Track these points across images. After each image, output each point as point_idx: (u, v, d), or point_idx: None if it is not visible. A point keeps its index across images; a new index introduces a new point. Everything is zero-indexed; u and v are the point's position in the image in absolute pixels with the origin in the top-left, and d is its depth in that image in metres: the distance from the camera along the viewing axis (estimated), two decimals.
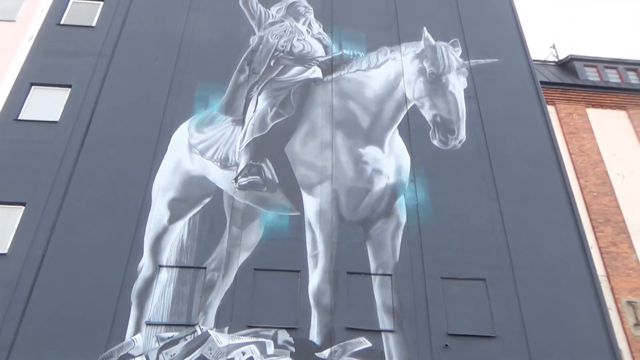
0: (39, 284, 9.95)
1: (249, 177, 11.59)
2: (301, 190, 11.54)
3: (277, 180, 11.65)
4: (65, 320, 9.58)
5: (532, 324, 10.25)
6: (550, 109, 14.88)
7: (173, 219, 10.96)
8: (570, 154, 14.31)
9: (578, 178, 13.84)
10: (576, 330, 10.21)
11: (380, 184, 11.80)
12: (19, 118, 11.95)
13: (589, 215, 13.28)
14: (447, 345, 9.94)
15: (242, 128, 12.34)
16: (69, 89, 12.48)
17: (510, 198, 11.79)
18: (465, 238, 11.23)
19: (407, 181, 11.91)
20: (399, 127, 12.61)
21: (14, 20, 13.57)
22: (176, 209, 11.08)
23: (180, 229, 10.88)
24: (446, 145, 12.48)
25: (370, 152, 12.18)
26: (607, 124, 15.08)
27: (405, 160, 12.15)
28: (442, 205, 11.62)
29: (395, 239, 11.14)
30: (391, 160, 12.13)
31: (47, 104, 12.16)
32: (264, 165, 11.80)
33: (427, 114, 12.85)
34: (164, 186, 11.35)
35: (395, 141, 12.42)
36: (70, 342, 9.38)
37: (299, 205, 11.36)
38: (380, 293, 10.49)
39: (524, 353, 9.96)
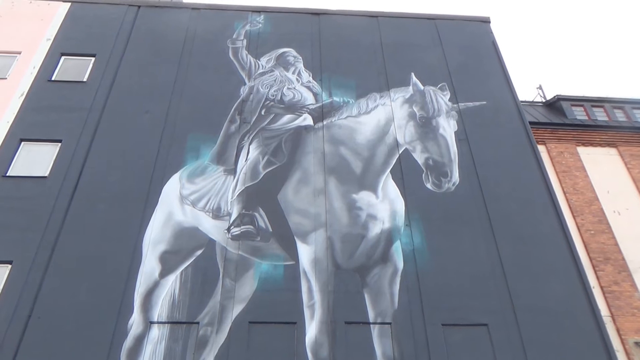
0: (24, 346, 9.51)
1: (242, 227, 11.40)
2: (295, 238, 11.35)
3: (270, 229, 11.46)
4: None
5: None
6: (541, 148, 15.01)
7: (164, 273, 10.67)
8: (564, 192, 14.30)
9: (574, 217, 13.76)
10: None
11: (375, 229, 11.64)
12: (7, 174, 11.82)
13: (588, 254, 13.11)
14: None
15: (234, 177, 12.26)
16: (59, 144, 12.44)
17: (508, 239, 11.64)
18: (464, 282, 10.99)
19: (403, 226, 11.77)
20: (391, 172, 12.60)
21: (5, 78, 13.69)
22: (167, 262, 10.81)
23: (171, 282, 10.57)
24: (440, 188, 12.43)
25: (363, 197, 12.09)
26: (598, 161, 15.17)
27: (400, 205, 12.06)
28: (439, 249, 11.44)
29: (393, 285, 10.88)
30: (385, 205, 12.03)
31: (36, 160, 12.07)
32: (257, 214, 11.65)
33: (419, 157, 12.88)
34: (154, 239, 11.12)
35: (388, 186, 12.37)
36: None
37: (293, 254, 11.14)
38: (380, 343, 10.12)
39: None
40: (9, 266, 10.45)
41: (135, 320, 10.03)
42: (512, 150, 13.33)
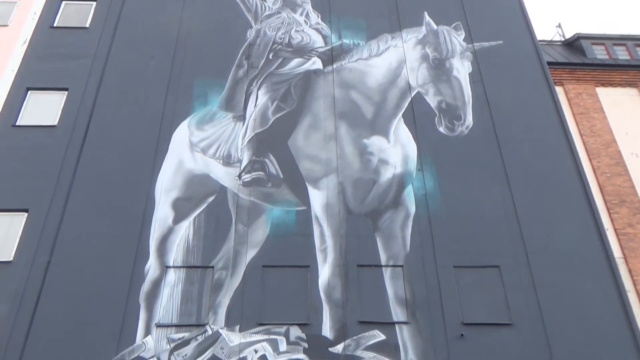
0: (46, 291, 9.81)
1: (253, 174, 11.37)
2: (306, 184, 11.32)
3: (281, 176, 11.42)
4: (74, 326, 9.45)
5: (549, 310, 10.00)
6: (559, 89, 14.51)
7: (178, 219, 10.77)
8: (581, 135, 13.95)
9: (590, 159, 13.48)
10: (594, 315, 9.96)
11: (387, 174, 11.55)
12: (17, 124, 11.80)
13: (603, 197, 12.94)
14: (462, 334, 9.72)
15: (244, 124, 12.11)
16: (66, 92, 12.31)
17: (521, 183, 11.51)
18: (476, 226, 10.97)
19: (415, 170, 11.66)
20: (403, 116, 12.33)
21: (7, 25, 13.40)
22: (180, 209, 10.90)
23: (185, 229, 10.69)
24: (453, 131, 12.19)
25: (375, 142, 11.92)
26: (617, 102, 14.69)
27: (412, 149, 11.89)
28: (452, 193, 11.36)
29: (405, 229, 10.90)
30: (397, 149, 11.86)
31: (44, 109, 12.00)
32: (267, 160, 11.58)
33: (432, 100, 12.56)
34: (166, 186, 11.17)
35: (400, 130, 12.15)
36: (80, 347, 9.26)
37: (305, 199, 11.14)
38: (392, 285, 10.27)
39: (541, 340, 9.72)
40: (26, 214, 10.62)
41: (152, 265, 10.24)
42: (529, 92, 12.92)
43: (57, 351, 9.21)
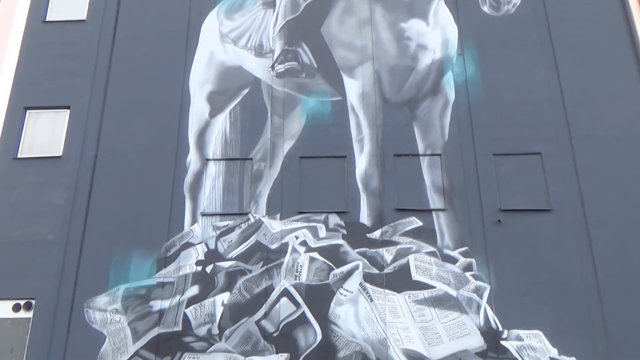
0: (96, 183, 10.33)
1: (286, 64, 11.07)
2: (341, 73, 10.98)
3: (315, 65, 11.08)
4: (126, 216, 10.05)
5: (590, 195, 9.90)
6: None
7: (214, 113, 10.81)
8: None
9: None
10: (638, 201, 9.78)
11: (425, 60, 11.02)
12: (47, 20, 11.66)
13: None
14: (499, 220, 9.82)
15: (274, 11, 11.55)
16: None
17: (571, 65, 10.82)
18: (519, 111, 10.57)
19: (455, 55, 11.06)
20: None
21: None
22: (215, 103, 10.89)
23: (222, 122, 10.76)
24: (498, 10, 11.30)
25: (413, 26, 11.23)
26: None
27: (452, 32, 11.18)
28: (494, 78, 10.84)
29: (444, 117, 10.63)
30: (437, 33, 11.18)
31: (71, 3, 11.71)
32: (300, 49, 11.18)
33: None
34: (200, 80, 11.07)
35: (440, 11, 11.35)
36: (133, 234, 9.92)
37: (340, 89, 10.88)
38: (429, 173, 10.27)
39: (580, 225, 9.74)
40: (68, 111, 10.87)
41: (193, 158, 10.51)
42: None
43: (113, 238, 9.91)
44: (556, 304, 9.22)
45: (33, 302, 9.53)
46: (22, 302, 9.55)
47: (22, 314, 9.50)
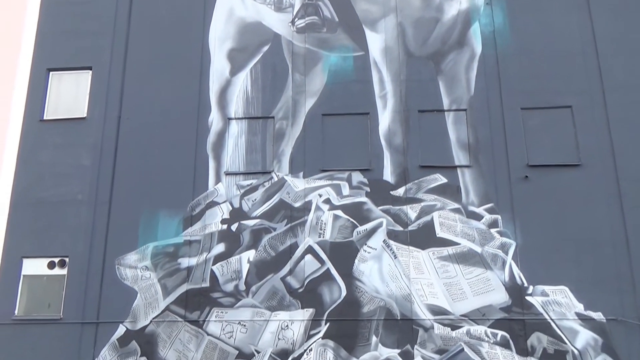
0: (121, 144, 10.43)
1: (307, 18, 10.77)
2: (363, 27, 10.65)
3: (336, 19, 10.76)
4: (151, 176, 10.18)
5: (622, 148, 9.60)
6: None
7: (234, 71, 10.68)
8: None
9: None
10: None
11: (451, 11, 10.59)
12: None
13: None
14: (527, 176, 9.63)
15: None
16: None
17: (606, 9, 10.31)
18: (549, 63, 10.17)
19: (482, 5, 10.59)
20: None
21: None
22: (236, 60, 10.73)
23: (242, 80, 10.64)
24: None
25: None
26: None
27: None
28: (523, 28, 10.39)
29: (470, 71, 10.29)
30: None
31: None
32: (320, 3, 10.85)
33: None
34: (220, 37, 10.88)
35: None
36: (159, 193, 10.07)
37: (362, 43, 10.58)
38: (454, 129, 10.06)
39: (611, 179, 9.50)
40: (90, 72, 10.87)
41: (215, 118, 10.48)
42: None
43: (140, 197, 10.07)
44: (583, 260, 9.12)
45: (67, 259, 9.86)
46: (56, 260, 9.90)
47: (57, 271, 9.86)
